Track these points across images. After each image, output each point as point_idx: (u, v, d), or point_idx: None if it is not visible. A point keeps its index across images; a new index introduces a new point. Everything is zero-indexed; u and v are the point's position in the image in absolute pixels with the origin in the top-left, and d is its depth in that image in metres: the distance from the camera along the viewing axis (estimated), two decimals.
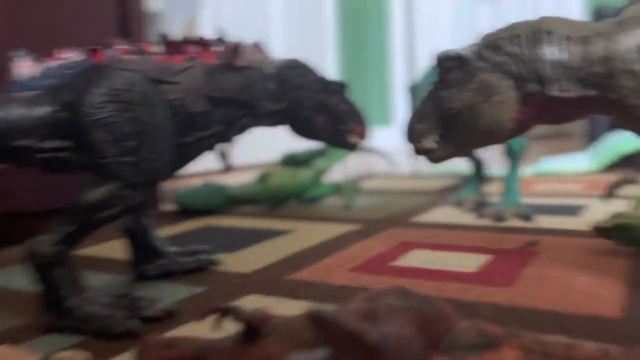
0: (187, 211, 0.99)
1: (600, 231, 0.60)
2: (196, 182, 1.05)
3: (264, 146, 2.05)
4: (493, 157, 1.77)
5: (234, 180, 1.10)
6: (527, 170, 1.39)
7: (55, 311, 0.45)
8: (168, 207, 1.05)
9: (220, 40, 0.57)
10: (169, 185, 1.03)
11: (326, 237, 0.77)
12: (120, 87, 0.47)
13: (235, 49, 0.56)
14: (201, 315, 0.35)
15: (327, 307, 0.22)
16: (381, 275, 0.58)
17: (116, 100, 0.46)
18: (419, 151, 0.53)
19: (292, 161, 1.09)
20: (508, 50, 0.46)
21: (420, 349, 0.24)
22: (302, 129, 0.66)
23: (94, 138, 0.46)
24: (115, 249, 0.76)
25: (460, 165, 1.55)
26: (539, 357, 0.27)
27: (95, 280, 0.61)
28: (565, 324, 0.43)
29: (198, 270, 0.62)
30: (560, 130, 2.91)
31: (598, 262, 0.58)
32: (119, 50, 0.50)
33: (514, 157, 0.85)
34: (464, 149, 0.51)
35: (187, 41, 0.54)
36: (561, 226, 0.76)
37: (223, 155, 0.59)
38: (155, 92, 0.49)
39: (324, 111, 0.66)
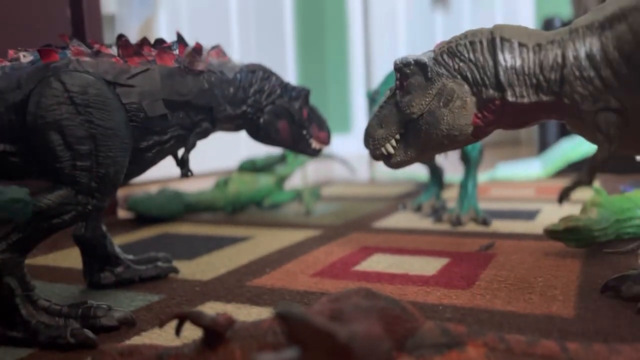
0: (143, 218, 0.96)
1: (552, 234, 0.62)
2: (153, 188, 1.02)
3: (222, 152, 2.03)
4: (450, 163, 1.81)
5: (192, 187, 1.08)
6: (482, 176, 1.43)
7: (4, 322, 0.43)
8: (124, 214, 1.02)
9: (179, 43, 0.56)
10: (124, 192, 1.00)
11: (287, 243, 0.76)
12: (73, 89, 0.45)
13: (194, 53, 0.55)
14: (160, 322, 0.34)
15: (296, 306, 0.21)
16: (343, 280, 0.58)
17: (69, 103, 0.44)
18: (378, 157, 0.53)
19: (251, 167, 1.08)
20: (466, 57, 0.47)
21: (388, 348, 0.24)
22: (263, 135, 0.65)
23: (46, 141, 0.44)
24: (70, 257, 0.73)
25: (418, 171, 1.57)
26: (501, 354, 0.27)
27: (49, 289, 0.59)
28: (522, 324, 0.44)
29: (157, 279, 0.60)
30: (513, 138, 3.01)
31: (551, 264, 0.60)
32: (73, 51, 0.48)
33: (471, 163, 0.87)
34: (423, 154, 0.51)
35: (145, 43, 0.52)
36: (516, 230, 0.78)
37: (182, 161, 0.58)
38: (111, 95, 0.47)
39: (286, 116, 0.65)
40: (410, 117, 0.50)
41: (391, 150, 0.52)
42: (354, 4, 2.88)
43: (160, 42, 0.54)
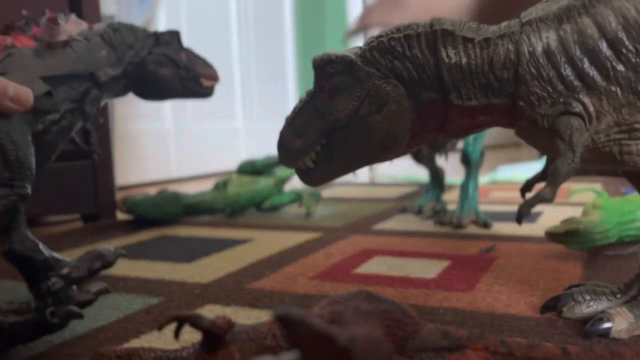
0: (142, 220, 0.96)
1: (553, 236, 0.61)
2: (152, 190, 1.02)
3: (221, 153, 2.03)
4: (451, 166, 1.81)
5: (191, 189, 1.08)
6: (483, 178, 1.43)
7: None
8: (123, 216, 1.02)
9: (28, 23, 0.54)
10: (123, 194, 1.00)
11: (287, 246, 0.76)
12: None
13: (50, 23, 0.53)
14: (159, 325, 0.33)
15: (296, 309, 0.21)
16: (343, 282, 0.58)
17: None
18: (297, 171, 0.45)
19: (251, 169, 1.08)
20: (400, 53, 0.39)
21: (389, 351, 0.24)
22: (153, 89, 0.63)
23: None
24: None
25: (418, 172, 1.57)
26: (502, 357, 0.27)
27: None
28: (523, 327, 0.43)
29: (106, 268, 0.54)
30: (514, 140, 3.01)
31: (553, 267, 0.60)
32: None
33: (471, 165, 0.86)
34: (349, 167, 0.43)
35: None
36: (517, 232, 0.78)
37: (87, 133, 0.57)
38: None
39: (168, 63, 0.63)
40: (334, 125, 0.41)
41: (310, 165, 0.43)
42: (354, 4, 2.89)
43: (9, 26, 0.52)
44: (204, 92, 0.68)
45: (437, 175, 1.00)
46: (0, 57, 0.48)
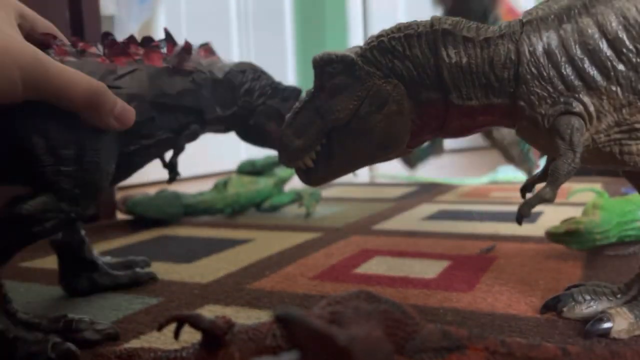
0: (142, 220, 0.96)
1: (553, 236, 0.61)
2: (151, 190, 1.02)
3: (221, 153, 2.02)
4: (453, 165, 1.81)
5: (191, 189, 1.08)
6: (483, 178, 1.43)
7: None
8: (122, 216, 1.02)
9: (167, 41, 0.53)
10: (123, 194, 1.00)
11: (286, 246, 0.76)
12: None
13: (184, 52, 0.52)
14: (158, 325, 0.33)
15: (296, 309, 0.21)
16: (343, 283, 0.58)
17: (54, 110, 0.41)
18: (297, 171, 0.45)
19: (251, 169, 1.08)
20: (401, 53, 0.39)
21: (389, 352, 0.24)
22: (253, 136, 0.63)
23: (30, 145, 0.41)
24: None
25: (420, 173, 1.57)
26: (502, 358, 0.27)
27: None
28: (523, 327, 0.43)
29: (134, 285, 0.58)
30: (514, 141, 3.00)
31: (553, 267, 0.60)
32: (57, 50, 0.45)
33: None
34: (349, 167, 0.43)
35: (132, 42, 0.50)
36: (517, 232, 0.78)
37: (171, 165, 0.56)
38: None
39: (277, 118, 0.62)
40: (334, 125, 0.41)
41: (310, 165, 0.43)
42: (354, 4, 2.89)
43: (148, 40, 0.51)
44: None
45: None
46: (125, 70, 0.48)
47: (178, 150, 0.55)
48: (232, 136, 0.66)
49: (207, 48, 0.58)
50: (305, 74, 2.68)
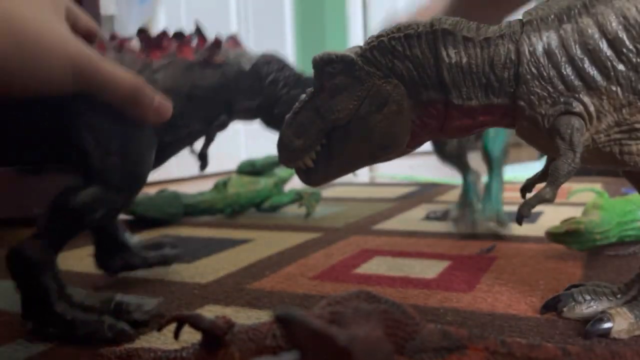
0: (142, 220, 0.96)
1: (553, 237, 0.61)
2: (151, 190, 1.02)
3: (221, 153, 2.02)
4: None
5: (191, 189, 1.08)
6: (483, 178, 1.42)
7: (39, 318, 0.44)
8: (123, 216, 1.02)
9: (198, 35, 0.55)
10: None
11: (287, 246, 0.76)
12: None
13: (214, 46, 0.54)
14: (159, 325, 0.33)
15: (296, 309, 0.21)
16: (343, 283, 0.58)
17: (99, 104, 0.44)
18: (297, 171, 0.45)
19: (251, 169, 1.08)
20: (401, 53, 0.39)
21: (389, 352, 0.24)
22: (276, 124, 0.65)
23: (78, 139, 0.44)
24: (69, 260, 0.73)
25: (418, 173, 1.57)
26: (503, 358, 0.27)
27: None
28: (523, 327, 0.43)
29: (164, 264, 0.62)
30: (514, 140, 3.00)
31: (553, 267, 0.60)
32: (97, 45, 0.47)
33: (493, 163, 0.80)
34: (349, 167, 0.43)
35: (164, 36, 0.52)
36: (517, 232, 0.78)
37: (202, 155, 0.58)
38: None
39: None
40: (334, 125, 0.41)
41: (310, 165, 0.43)
42: (354, 4, 2.89)
43: (179, 35, 0.53)
44: None
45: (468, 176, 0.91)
46: (161, 63, 0.50)
47: (209, 140, 0.57)
48: (232, 136, 0.66)
49: (234, 40, 0.60)
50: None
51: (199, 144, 0.60)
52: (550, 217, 0.90)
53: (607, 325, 0.40)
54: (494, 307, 0.48)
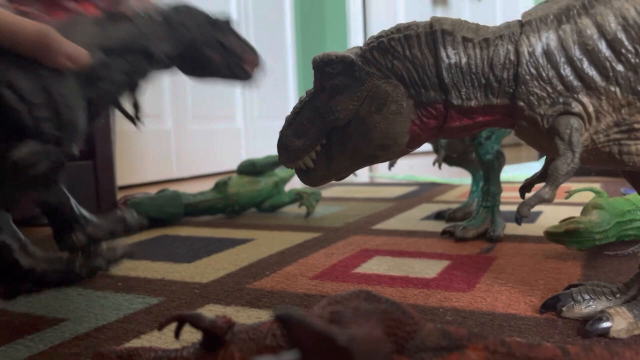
0: None
1: (553, 236, 0.61)
2: (152, 190, 1.02)
3: (221, 153, 2.03)
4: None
5: (191, 188, 1.08)
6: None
7: (7, 277, 0.45)
8: None
9: None
10: (124, 194, 1.00)
11: (287, 246, 0.76)
12: None
13: (118, 0, 0.56)
14: (159, 325, 0.34)
15: (296, 309, 0.21)
16: (343, 282, 0.58)
17: (14, 59, 0.45)
18: (297, 171, 0.45)
19: (251, 169, 1.08)
20: (400, 53, 0.39)
21: (388, 351, 0.24)
22: (197, 69, 0.66)
23: (1, 98, 0.44)
24: None
25: (418, 173, 1.57)
26: (502, 357, 0.27)
27: None
28: (523, 327, 0.43)
29: (127, 233, 0.58)
30: (513, 140, 3.01)
31: (552, 267, 0.60)
32: None
33: (487, 167, 0.78)
34: (349, 167, 0.43)
35: None
36: (517, 232, 0.78)
37: (135, 105, 0.59)
38: None
39: (216, 47, 0.66)
40: (334, 125, 0.42)
41: (311, 165, 0.43)
42: (354, 3, 2.89)
43: None
44: (245, 77, 0.71)
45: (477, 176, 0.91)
46: (68, 23, 0.50)
47: (134, 89, 0.58)
48: (232, 136, 0.67)
49: None
50: (305, 73, 2.68)
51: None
52: (550, 216, 0.90)
53: (606, 324, 0.40)
54: (494, 307, 0.48)
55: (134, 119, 0.59)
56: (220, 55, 0.66)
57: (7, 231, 0.44)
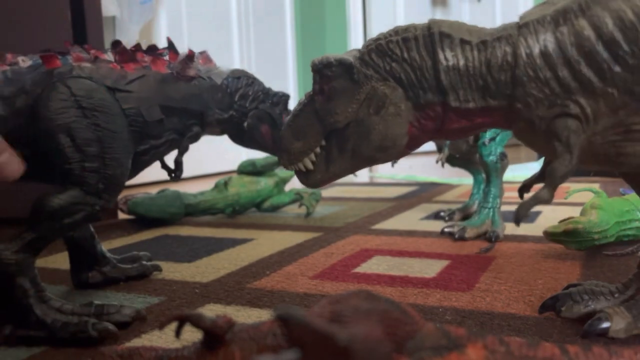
0: (143, 220, 0.96)
1: (552, 236, 0.62)
2: (153, 190, 1.03)
3: (222, 153, 2.03)
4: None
5: (192, 188, 1.08)
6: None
7: (19, 322, 0.44)
8: (124, 215, 1.02)
9: (169, 49, 0.58)
10: (124, 194, 1.00)
11: (287, 245, 0.76)
12: (80, 93, 0.47)
13: (187, 60, 0.57)
14: (160, 324, 0.34)
15: (296, 309, 0.21)
16: (343, 282, 0.58)
17: (77, 107, 0.47)
18: (296, 173, 0.45)
19: (251, 169, 1.08)
20: (399, 56, 0.40)
21: (388, 351, 0.24)
22: (246, 138, 0.68)
23: (56, 143, 0.46)
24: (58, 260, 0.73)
25: (417, 173, 1.57)
26: (501, 357, 0.27)
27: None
28: (522, 326, 0.44)
29: (142, 277, 0.62)
30: (513, 141, 3.01)
31: (551, 266, 0.60)
32: (74, 57, 0.50)
33: (488, 169, 0.79)
34: (348, 169, 0.44)
35: (139, 49, 0.55)
36: (516, 232, 0.78)
37: (177, 164, 0.59)
38: (113, 99, 0.49)
39: (268, 121, 0.67)
40: (333, 127, 0.42)
41: (310, 167, 0.44)
42: (354, 4, 2.89)
43: (153, 48, 0.56)
44: None
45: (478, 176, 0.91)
46: (135, 75, 0.52)
47: (182, 150, 0.59)
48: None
49: (205, 56, 0.63)
50: (305, 74, 2.68)
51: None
52: (549, 216, 0.90)
53: (605, 324, 0.40)
54: (493, 306, 0.48)
55: (173, 175, 0.60)
56: (269, 130, 0.68)
57: (28, 275, 0.44)
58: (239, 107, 0.64)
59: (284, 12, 2.53)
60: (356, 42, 2.90)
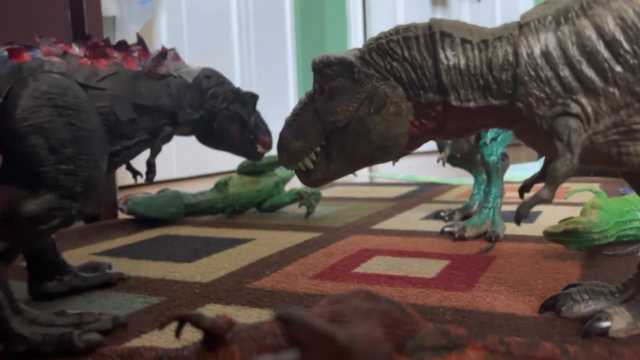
0: (143, 220, 0.96)
1: (552, 236, 0.61)
2: (152, 190, 1.03)
3: (221, 153, 2.02)
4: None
5: (192, 188, 1.08)
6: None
7: None
8: (124, 215, 1.02)
9: (139, 46, 0.56)
10: (124, 194, 1.00)
11: (287, 245, 0.76)
12: (54, 90, 0.44)
13: (160, 57, 0.55)
14: (160, 324, 0.34)
15: (296, 309, 0.21)
16: (343, 282, 0.58)
17: (51, 105, 0.43)
18: (297, 172, 0.45)
19: (251, 169, 1.08)
20: (399, 55, 0.40)
21: (388, 351, 0.24)
22: (215, 139, 0.67)
23: (29, 144, 0.42)
24: None
25: (417, 173, 1.57)
26: (501, 357, 0.27)
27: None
28: (522, 326, 0.44)
29: (106, 286, 0.58)
30: (513, 141, 3.01)
31: (551, 266, 0.60)
32: (43, 51, 0.46)
33: (490, 169, 0.79)
34: (348, 168, 0.44)
35: (109, 45, 0.52)
36: (516, 232, 0.78)
37: (150, 165, 0.58)
38: (87, 97, 0.46)
39: (238, 121, 0.67)
40: (333, 126, 0.42)
41: (310, 166, 0.44)
42: (354, 4, 2.89)
43: (123, 44, 0.53)
44: (256, 156, 0.73)
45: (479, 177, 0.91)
46: (108, 72, 0.50)
47: (155, 151, 0.57)
48: None
49: (174, 54, 0.61)
50: (305, 74, 2.68)
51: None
52: (549, 216, 0.90)
53: (605, 324, 0.40)
54: (493, 306, 0.48)
55: (145, 176, 0.59)
56: (238, 131, 0.67)
57: (1, 286, 0.41)
58: (210, 107, 0.62)
59: (284, 12, 2.53)
60: (356, 41, 2.90)
